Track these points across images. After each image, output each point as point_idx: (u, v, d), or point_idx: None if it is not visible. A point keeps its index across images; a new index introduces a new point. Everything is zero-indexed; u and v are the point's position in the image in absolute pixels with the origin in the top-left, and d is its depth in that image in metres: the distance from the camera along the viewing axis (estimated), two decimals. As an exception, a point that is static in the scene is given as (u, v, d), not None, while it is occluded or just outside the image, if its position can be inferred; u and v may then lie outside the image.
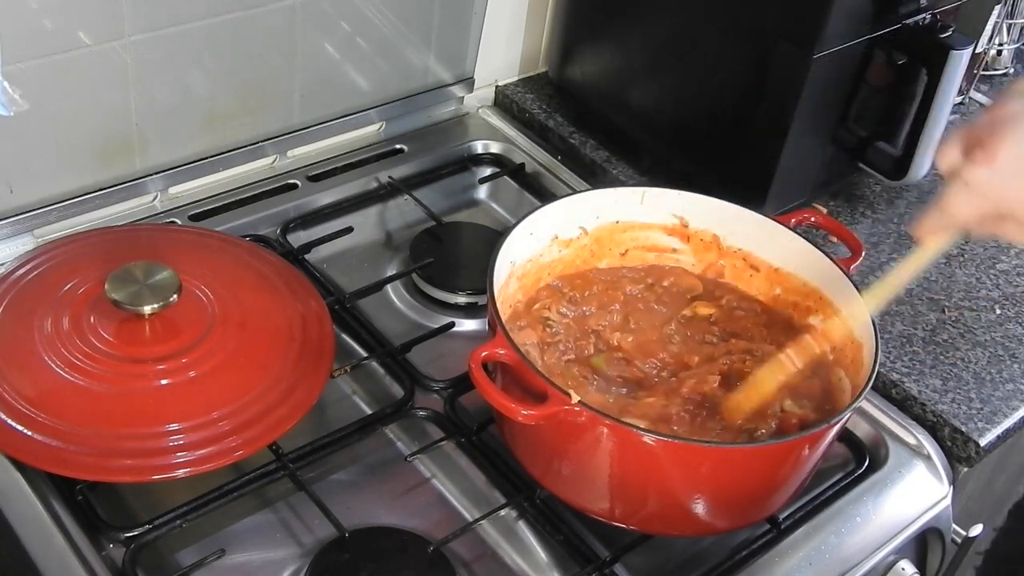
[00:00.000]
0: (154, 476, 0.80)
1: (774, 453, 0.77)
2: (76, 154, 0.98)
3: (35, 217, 0.98)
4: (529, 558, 0.84)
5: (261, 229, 1.07)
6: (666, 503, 0.79)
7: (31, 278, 0.91)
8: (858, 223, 1.17)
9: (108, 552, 0.78)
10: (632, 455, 0.75)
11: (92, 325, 0.86)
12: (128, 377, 0.84)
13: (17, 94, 0.88)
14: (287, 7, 1.03)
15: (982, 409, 0.96)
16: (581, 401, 0.72)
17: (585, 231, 0.93)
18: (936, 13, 1.07)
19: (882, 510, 0.90)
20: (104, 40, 0.92)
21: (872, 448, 0.94)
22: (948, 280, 1.11)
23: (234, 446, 0.81)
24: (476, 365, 0.74)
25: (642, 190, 0.93)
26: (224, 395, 0.84)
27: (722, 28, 1.08)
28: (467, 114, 1.28)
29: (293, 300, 0.94)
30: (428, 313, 1.04)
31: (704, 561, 0.84)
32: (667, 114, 1.17)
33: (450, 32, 1.19)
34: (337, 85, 1.13)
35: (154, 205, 1.07)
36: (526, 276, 0.91)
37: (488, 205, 1.22)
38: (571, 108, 1.28)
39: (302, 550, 0.83)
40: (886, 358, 1.00)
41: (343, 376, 0.93)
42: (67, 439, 0.79)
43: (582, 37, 1.25)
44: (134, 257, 0.88)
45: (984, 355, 1.02)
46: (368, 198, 1.14)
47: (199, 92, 1.02)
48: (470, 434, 0.89)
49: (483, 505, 0.86)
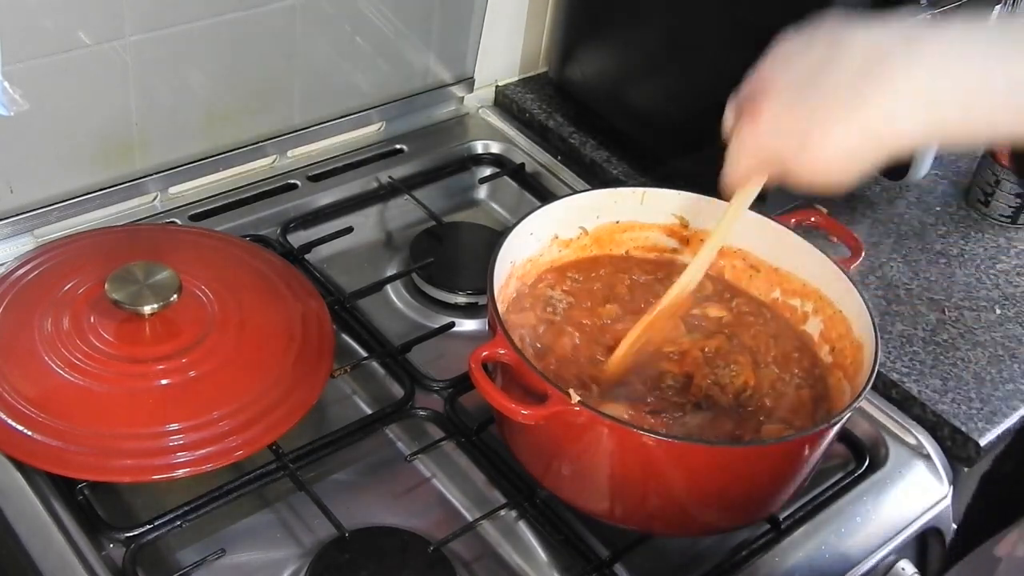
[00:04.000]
0: (154, 476, 0.80)
1: (774, 453, 0.77)
2: (76, 154, 0.98)
3: (35, 217, 0.98)
4: (529, 558, 0.84)
5: (261, 229, 1.07)
6: (666, 503, 0.79)
7: (31, 278, 0.91)
8: (858, 223, 1.17)
9: (108, 552, 0.78)
10: (632, 455, 0.75)
11: (92, 325, 0.86)
12: (128, 377, 0.84)
13: (17, 94, 0.88)
14: (287, 7, 1.03)
15: (982, 409, 0.96)
16: (581, 401, 0.72)
17: (585, 231, 0.93)
18: (936, 13, 1.07)
19: (882, 510, 0.90)
20: (104, 40, 0.92)
21: (872, 448, 0.94)
22: (948, 280, 1.11)
23: (234, 446, 0.81)
24: (476, 365, 0.74)
25: (642, 190, 0.93)
26: (224, 395, 0.84)
27: (722, 28, 1.08)
28: (467, 114, 1.28)
29: (293, 300, 0.94)
30: (428, 313, 1.04)
31: (704, 561, 0.84)
32: (667, 114, 1.17)
33: (450, 32, 1.19)
34: (337, 85, 1.13)
35: (154, 205, 1.07)
36: (526, 276, 0.91)
37: (488, 205, 1.22)
38: (571, 108, 1.28)
39: (302, 550, 0.83)
40: (886, 358, 1.00)
41: (343, 376, 0.93)
42: (67, 439, 0.79)
43: (582, 37, 1.25)
44: (134, 257, 0.88)
45: (984, 355, 1.02)
46: (368, 198, 1.14)
47: (199, 92, 1.02)
48: (470, 434, 0.89)
49: (483, 505, 0.86)
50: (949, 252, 1.15)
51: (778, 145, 0.69)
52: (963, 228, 1.19)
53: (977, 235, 1.18)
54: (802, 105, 0.67)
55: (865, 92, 0.65)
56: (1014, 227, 1.19)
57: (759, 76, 0.71)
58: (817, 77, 0.67)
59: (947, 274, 1.11)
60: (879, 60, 0.65)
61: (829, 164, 0.67)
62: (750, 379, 0.85)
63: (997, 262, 1.14)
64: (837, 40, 0.67)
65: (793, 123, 0.68)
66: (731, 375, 0.85)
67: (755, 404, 0.84)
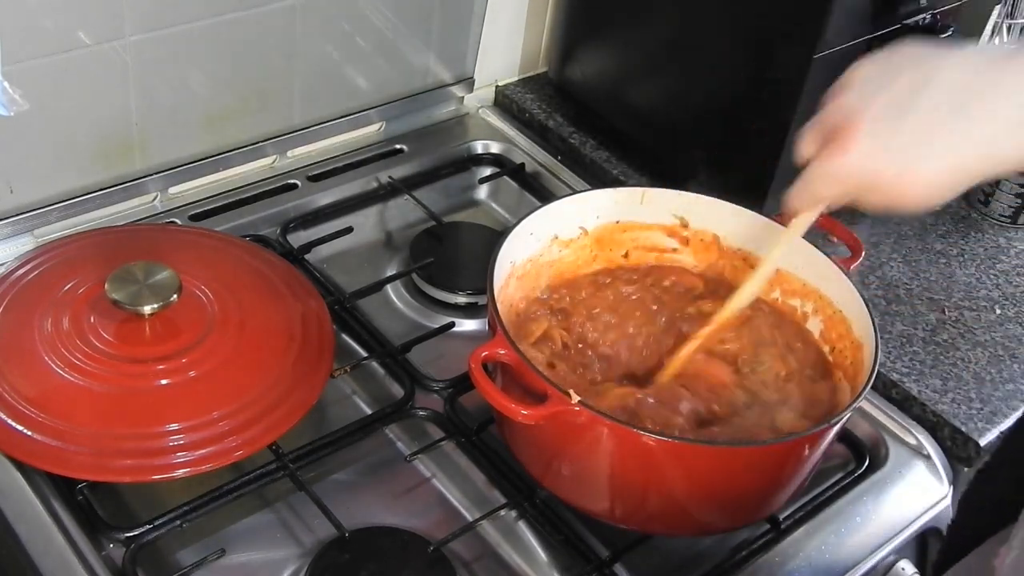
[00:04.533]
0: (154, 476, 0.80)
1: (774, 453, 0.77)
2: (76, 154, 0.98)
3: (35, 217, 0.98)
4: (529, 558, 0.84)
5: (261, 229, 1.07)
6: (666, 503, 0.79)
7: (31, 278, 0.91)
8: (858, 223, 1.17)
9: (108, 552, 0.78)
10: (632, 455, 0.75)
11: (92, 325, 0.86)
12: (128, 377, 0.84)
13: (17, 94, 0.88)
14: (287, 7, 1.03)
15: (982, 409, 0.96)
16: (581, 401, 0.72)
17: (585, 231, 0.93)
18: (936, 13, 1.07)
19: (882, 510, 0.90)
20: (104, 40, 0.92)
21: (872, 448, 0.94)
22: (948, 280, 1.11)
23: (234, 446, 0.81)
24: (476, 365, 0.74)
25: (642, 190, 0.93)
26: (224, 395, 0.84)
27: (722, 28, 1.08)
28: (467, 114, 1.28)
29: (293, 300, 0.94)
30: (428, 313, 1.04)
31: (704, 561, 0.84)
32: (667, 114, 1.17)
33: (450, 32, 1.19)
34: (337, 85, 1.13)
35: (154, 205, 1.07)
36: (526, 276, 0.91)
37: (488, 205, 1.22)
38: (571, 108, 1.28)
39: (302, 550, 0.83)
40: (886, 358, 1.00)
41: (343, 376, 0.93)
42: (67, 439, 0.79)
43: (582, 37, 1.25)
44: (134, 257, 0.88)
45: (984, 355, 1.02)
46: (368, 198, 1.14)
47: (199, 92, 1.02)
48: (470, 434, 0.89)
49: (483, 505, 0.86)
50: (949, 252, 1.15)
51: (876, 169, 0.69)
52: (963, 228, 1.19)
53: (977, 235, 1.18)
54: (902, 130, 0.67)
55: (966, 115, 0.66)
56: (1014, 227, 1.19)
57: (843, 103, 0.71)
58: (913, 103, 0.67)
59: (947, 274, 1.11)
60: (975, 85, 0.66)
61: (929, 187, 0.68)
62: (780, 369, 0.86)
63: (997, 262, 1.14)
64: (926, 65, 0.68)
65: (895, 147, 0.68)
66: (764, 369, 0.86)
67: (773, 394, 0.84)
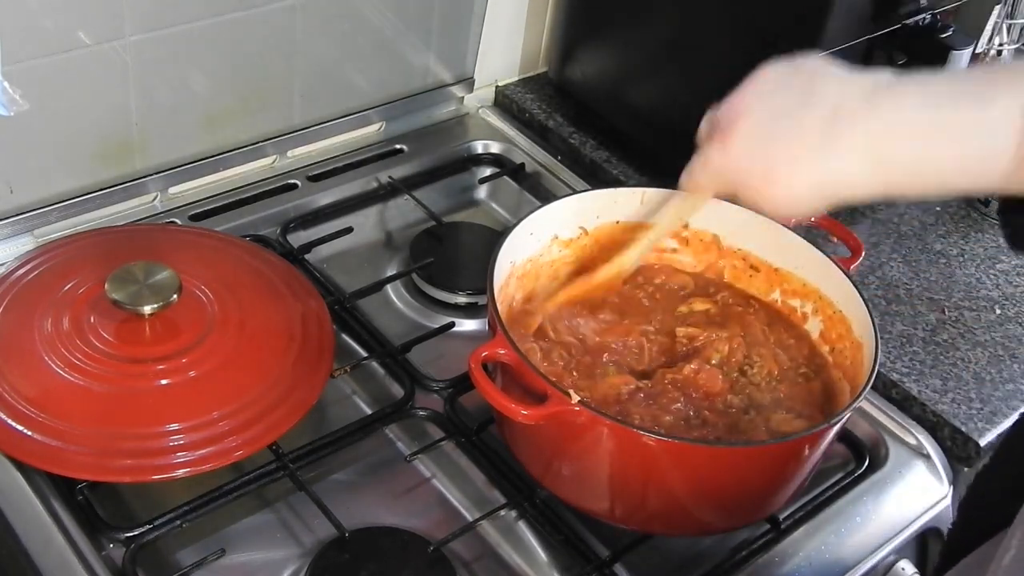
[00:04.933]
0: (154, 476, 0.80)
1: (774, 453, 0.77)
2: (76, 154, 0.98)
3: (35, 217, 0.98)
4: (529, 558, 0.84)
5: (261, 229, 1.07)
6: (666, 503, 0.79)
7: (31, 278, 0.91)
8: (858, 223, 1.17)
9: (108, 552, 0.78)
10: (632, 455, 0.75)
11: (92, 325, 0.86)
12: (128, 377, 0.84)
13: (17, 94, 0.88)
14: (287, 7, 1.03)
15: (982, 409, 0.96)
16: (581, 401, 0.72)
17: (585, 231, 0.93)
18: (936, 13, 1.07)
19: (882, 510, 0.90)
20: (104, 40, 0.92)
21: (872, 448, 0.94)
22: (948, 280, 1.11)
23: (234, 446, 0.81)
24: (476, 365, 0.74)
25: (642, 190, 0.93)
26: (224, 395, 0.84)
27: (722, 28, 1.08)
28: (467, 114, 1.28)
29: (293, 300, 0.94)
30: (428, 313, 1.04)
31: (704, 561, 0.84)
32: (667, 114, 1.17)
33: (450, 32, 1.19)
34: (337, 85, 1.13)
35: (154, 205, 1.07)
36: (526, 276, 0.91)
37: (488, 205, 1.22)
38: (571, 108, 1.28)
39: (302, 550, 0.83)
40: (886, 358, 1.00)
41: (343, 376, 0.93)
42: (67, 439, 0.79)
43: (582, 37, 1.25)
44: (134, 257, 0.88)
45: (984, 355, 1.02)
46: (368, 198, 1.14)
47: (199, 92, 1.02)
48: (470, 434, 0.89)
49: (483, 505, 0.86)
50: (949, 252, 1.15)
51: (743, 172, 0.73)
52: (963, 228, 1.19)
53: (977, 235, 1.18)
54: (772, 141, 0.71)
55: (826, 144, 0.69)
56: (1014, 227, 1.19)
57: (738, 100, 0.74)
58: (790, 117, 0.70)
59: (947, 274, 1.11)
60: (843, 114, 0.68)
61: (788, 200, 0.72)
62: (773, 368, 0.86)
63: (997, 262, 1.14)
64: (814, 84, 0.71)
65: (761, 156, 0.71)
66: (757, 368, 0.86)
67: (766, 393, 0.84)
